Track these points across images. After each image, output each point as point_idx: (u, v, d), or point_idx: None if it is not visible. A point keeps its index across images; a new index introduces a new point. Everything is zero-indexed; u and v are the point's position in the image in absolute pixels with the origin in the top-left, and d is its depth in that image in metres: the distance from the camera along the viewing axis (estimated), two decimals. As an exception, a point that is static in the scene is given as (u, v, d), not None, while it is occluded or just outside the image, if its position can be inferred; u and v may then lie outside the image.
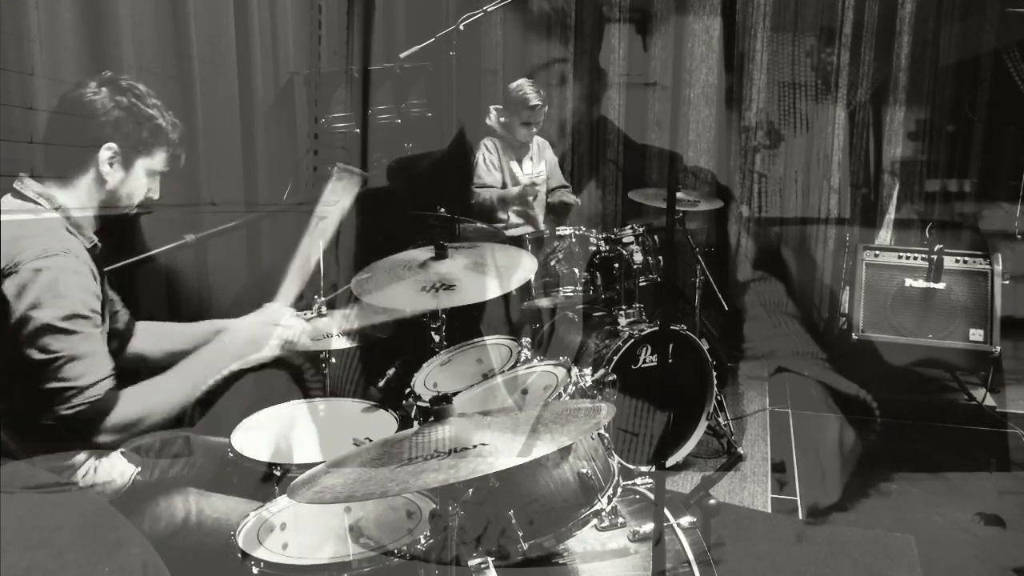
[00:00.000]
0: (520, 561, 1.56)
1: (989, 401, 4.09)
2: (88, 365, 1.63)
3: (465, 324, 3.05)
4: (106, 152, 1.75)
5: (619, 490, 1.71)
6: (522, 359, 2.53)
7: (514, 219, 3.92)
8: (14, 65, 2.16)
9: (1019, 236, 4.30)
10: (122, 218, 1.85)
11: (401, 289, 2.15)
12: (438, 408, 1.51)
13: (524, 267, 2.30)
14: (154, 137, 1.79)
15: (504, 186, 3.89)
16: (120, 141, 1.75)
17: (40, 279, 1.61)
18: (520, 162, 3.96)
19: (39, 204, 1.74)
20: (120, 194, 1.80)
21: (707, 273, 3.75)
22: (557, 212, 4.12)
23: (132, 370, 1.92)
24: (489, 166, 3.86)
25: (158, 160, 1.82)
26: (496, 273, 2.20)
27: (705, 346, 3.32)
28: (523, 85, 3.84)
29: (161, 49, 2.78)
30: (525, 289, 3.41)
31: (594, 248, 3.40)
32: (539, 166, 4.04)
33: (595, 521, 1.64)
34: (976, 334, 3.96)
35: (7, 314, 1.60)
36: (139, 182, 1.82)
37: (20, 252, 1.62)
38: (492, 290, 2.16)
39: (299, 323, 2.04)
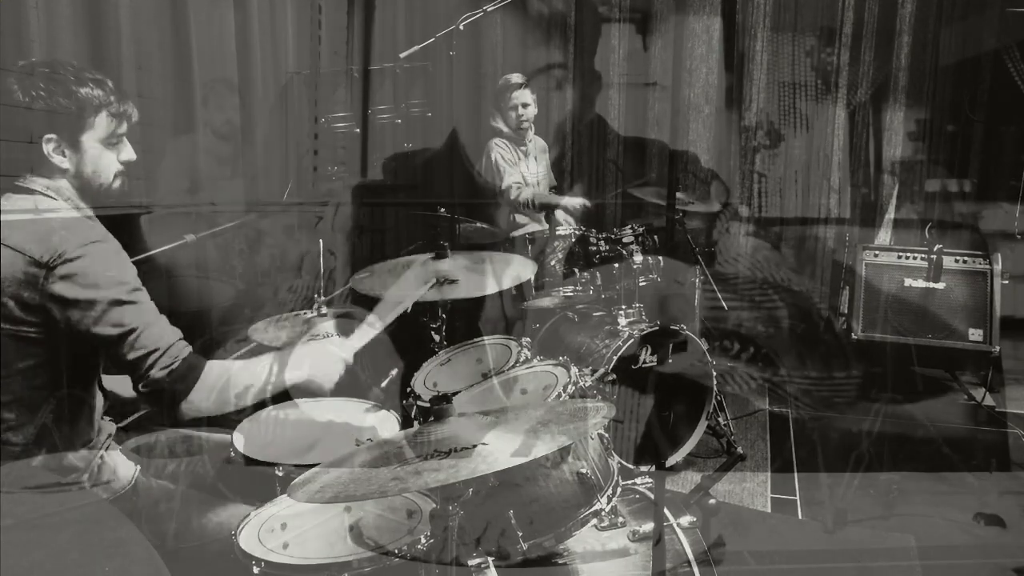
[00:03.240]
0: (520, 561, 1.56)
1: (989, 401, 4.09)
2: (161, 330, 1.69)
3: (465, 324, 3.05)
4: (48, 144, 1.72)
5: (619, 490, 1.71)
6: (522, 359, 2.53)
7: (520, 218, 3.93)
8: (14, 65, 2.15)
9: (1019, 236, 4.30)
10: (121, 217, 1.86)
11: (403, 285, 2.16)
12: (438, 408, 1.51)
13: (518, 270, 2.30)
14: (84, 108, 1.73)
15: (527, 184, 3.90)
16: (55, 128, 1.72)
17: (91, 264, 1.64)
18: (524, 162, 3.97)
19: (48, 195, 1.73)
20: (88, 174, 1.77)
21: (707, 273, 3.75)
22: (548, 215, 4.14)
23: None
24: (510, 164, 3.86)
25: (101, 128, 1.76)
26: (493, 275, 2.21)
27: (705, 346, 3.33)
28: (507, 75, 3.85)
29: (161, 49, 2.78)
30: (524, 289, 3.41)
31: (594, 248, 3.40)
32: (541, 166, 4.05)
33: (595, 521, 1.64)
34: (976, 334, 3.96)
35: (65, 304, 1.62)
36: (99, 157, 1.77)
37: (62, 243, 1.64)
38: (491, 286, 2.16)
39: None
